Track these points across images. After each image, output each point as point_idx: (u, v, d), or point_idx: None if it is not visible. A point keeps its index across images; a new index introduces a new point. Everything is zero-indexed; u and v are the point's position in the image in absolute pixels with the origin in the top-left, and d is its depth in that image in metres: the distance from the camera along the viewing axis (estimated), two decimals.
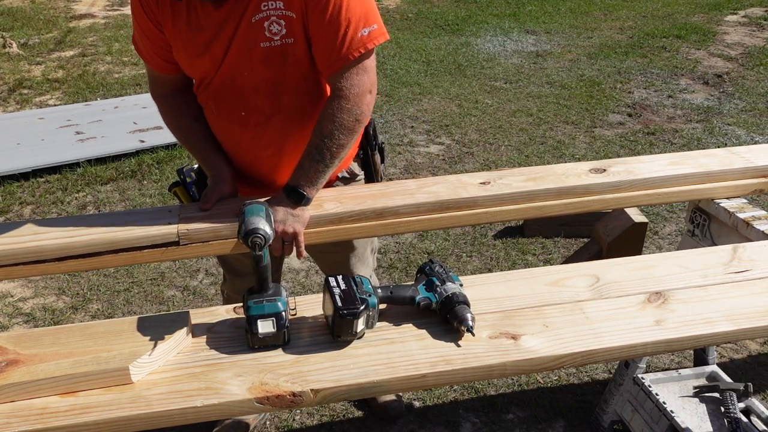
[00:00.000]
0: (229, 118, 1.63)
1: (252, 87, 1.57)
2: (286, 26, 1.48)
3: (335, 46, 1.47)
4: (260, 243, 1.15)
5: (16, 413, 1.07)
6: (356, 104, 1.51)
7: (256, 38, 1.49)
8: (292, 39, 1.49)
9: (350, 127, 1.53)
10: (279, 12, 1.46)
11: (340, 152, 1.55)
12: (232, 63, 1.55)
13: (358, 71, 1.51)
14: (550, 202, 1.72)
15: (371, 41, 1.49)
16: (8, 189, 3.67)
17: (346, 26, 1.46)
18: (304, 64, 1.54)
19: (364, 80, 1.52)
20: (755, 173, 1.82)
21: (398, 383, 1.15)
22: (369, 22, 1.49)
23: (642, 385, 1.98)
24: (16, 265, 1.46)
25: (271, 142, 1.65)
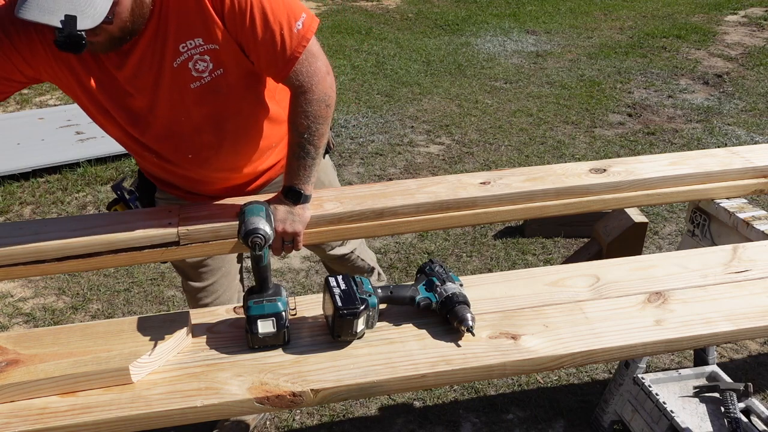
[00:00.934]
0: (176, 162, 1.59)
1: (192, 128, 1.52)
2: (212, 60, 1.43)
3: (278, 52, 1.43)
4: (260, 243, 1.15)
5: (16, 413, 1.07)
6: (321, 92, 1.50)
7: (184, 81, 1.44)
8: (222, 70, 1.45)
9: (323, 115, 1.52)
10: (201, 48, 1.41)
11: (322, 141, 1.55)
12: (164, 113, 1.49)
13: (309, 62, 1.48)
14: (550, 203, 1.72)
15: (308, 32, 1.45)
16: (8, 189, 3.67)
17: (280, 30, 1.41)
18: (238, 87, 1.50)
19: (318, 66, 1.49)
20: (755, 173, 1.82)
21: (398, 383, 1.15)
22: (296, 15, 1.44)
23: (642, 385, 1.98)
24: (15, 265, 1.46)
25: (225, 164, 1.62)
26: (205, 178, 1.66)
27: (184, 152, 1.57)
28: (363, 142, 4.24)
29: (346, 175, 3.85)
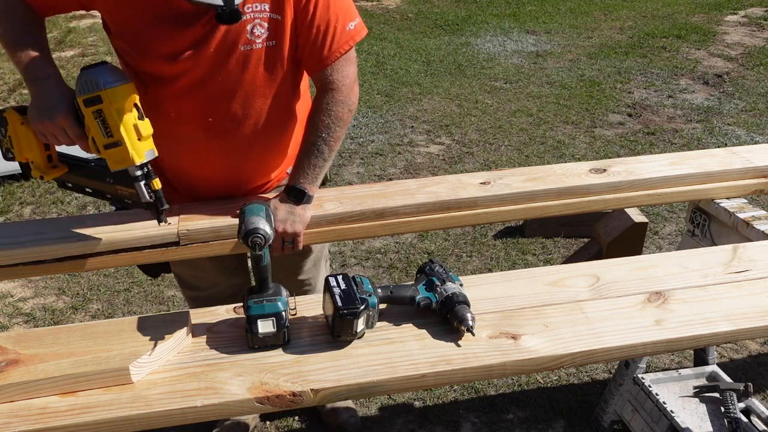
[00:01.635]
0: (193, 123, 1.51)
1: (224, 91, 1.48)
2: (270, 29, 1.44)
3: (326, 42, 1.47)
4: (260, 243, 1.15)
5: (16, 413, 1.07)
6: (348, 95, 1.53)
7: (236, 40, 1.43)
8: (274, 42, 1.46)
9: (345, 119, 1.54)
10: (264, 14, 1.43)
11: (337, 145, 1.56)
12: (204, 65, 1.44)
13: (346, 63, 1.52)
14: (550, 203, 1.72)
15: (358, 34, 1.52)
16: (8, 189, 3.67)
17: (335, 22, 1.47)
18: (281, 66, 1.50)
19: (352, 71, 1.54)
20: (755, 173, 1.82)
21: (398, 383, 1.15)
22: (352, 16, 1.51)
23: (642, 385, 1.98)
24: (16, 266, 1.46)
25: (236, 150, 1.57)
26: (212, 164, 1.58)
27: (205, 113, 1.50)
28: (363, 142, 4.24)
29: (346, 175, 3.85)
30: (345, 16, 1.49)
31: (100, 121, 1.29)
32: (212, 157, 1.58)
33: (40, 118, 1.33)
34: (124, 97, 1.29)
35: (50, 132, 1.35)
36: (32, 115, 1.35)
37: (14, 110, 1.40)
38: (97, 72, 1.28)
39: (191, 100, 1.49)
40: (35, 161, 1.43)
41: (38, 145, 1.41)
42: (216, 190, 1.66)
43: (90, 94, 1.27)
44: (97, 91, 1.27)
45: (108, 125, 1.29)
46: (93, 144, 1.33)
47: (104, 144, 1.30)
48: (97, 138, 1.31)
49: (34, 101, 1.36)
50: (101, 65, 1.29)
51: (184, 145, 1.55)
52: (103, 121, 1.29)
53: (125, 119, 1.29)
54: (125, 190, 1.43)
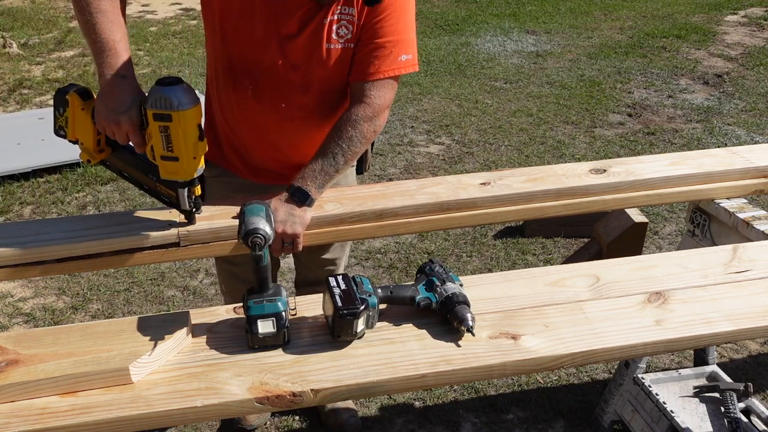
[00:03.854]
0: (266, 105, 1.62)
1: (302, 84, 1.58)
2: (351, 32, 1.54)
3: (377, 59, 1.53)
4: (260, 243, 1.15)
5: (16, 413, 1.07)
6: (377, 115, 1.58)
7: (321, 38, 1.53)
8: (352, 44, 1.55)
9: (368, 137, 1.58)
10: (350, 17, 1.52)
11: (353, 159, 1.58)
12: (291, 56, 1.55)
13: (387, 88, 1.58)
14: (550, 203, 1.72)
15: (407, 67, 1.58)
16: (8, 189, 3.67)
17: (393, 47, 1.54)
18: (348, 66, 1.59)
19: (389, 96, 1.59)
20: (755, 173, 1.82)
21: (398, 383, 1.15)
22: (409, 49, 1.58)
23: (642, 385, 1.98)
24: (16, 266, 1.46)
25: (297, 137, 1.68)
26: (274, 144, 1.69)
27: (280, 99, 1.60)
28: None
29: None
30: (404, 46, 1.56)
31: (164, 136, 1.35)
32: (271, 139, 1.69)
33: (107, 117, 1.38)
34: (193, 120, 1.35)
35: (112, 131, 1.40)
36: (99, 110, 1.40)
37: (77, 94, 1.45)
38: (172, 91, 1.32)
39: (270, 86, 1.59)
40: (85, 144, 1.47)
41: (92, 131, 1.45)
42: (269, 165, 1.74)
43: (161, 111, 1.32)
44: (169, 111, 1.32)
45: (170, 141, 1.35)
46: (150, 151, 1.40)
47: (162, 155, 1.37)
48: (156, 148, 1.37)
49: (104, 97, 1.39)
50: (178, 85, 1.34)
51: (253, 120, 1.66)
52: (167, 137, 1.35)
53: (188, 138, 1.36)
54: (165, 190, 1.49)
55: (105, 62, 1.40)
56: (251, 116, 1.66)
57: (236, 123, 1.69)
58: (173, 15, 7.26)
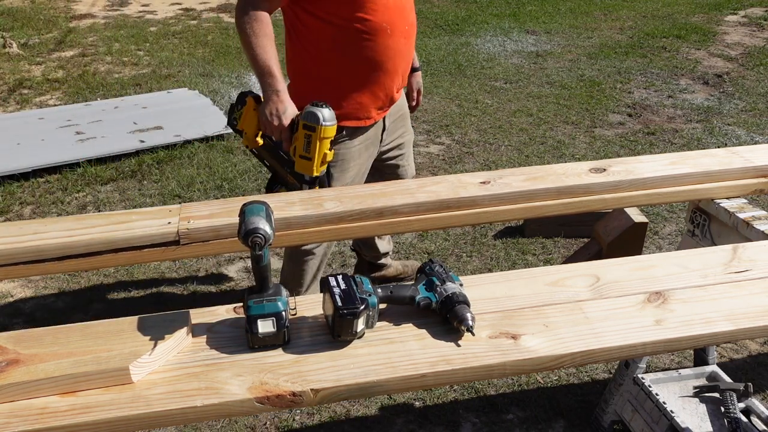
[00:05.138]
0: (399, 33, 2.05)
1: (409, 4, 2.09)
2: None
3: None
4: (260, 243, 1.15)
5: (16, 413, 1.07)
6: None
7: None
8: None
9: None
10: None
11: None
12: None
13: None
14: (549, 202, 1.72)
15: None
16: (8, 189, 3.67)
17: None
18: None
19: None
20: (755, 173, 1.82)
21: (398, 383, 1.15)
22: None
23: (642, 385, 1.98)
24: (15, 265, 1.46)
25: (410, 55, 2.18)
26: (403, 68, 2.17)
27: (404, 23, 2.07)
28: None
29: None
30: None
31: (306, 140, 1.86)
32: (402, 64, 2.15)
33: (271, 119, 1.92)
34: (329, 135, 1.86)
35: (271, 129, 1.93)
36: (265, 113, 1.93)
37: (253, 98, 1.98)
38: (320, 111, 1.84)
39: (397, 15, 2.04)
40: (248, 134, 2.00)
41: (256, 127, 1.99)
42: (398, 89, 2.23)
43: (310, 123, 1.85)
44: (315, 125, 1.84)
45: (309, 146, 1.87)
46: (293, 149, 1.91)
47: (300, 154, 1.89)
48: (298, 147, 1.89)
49: (271, 104, 1.92)
50: (326, 107, 1.86)
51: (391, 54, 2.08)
52: (308, 142, 1.86)
53: (322, 147, 1.87)
54: (293, 181, 1.96)
55: (265, 81, 1.93)
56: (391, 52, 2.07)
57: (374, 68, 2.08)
58: (173, 15, 7.26)
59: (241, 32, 1.95)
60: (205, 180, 3.76)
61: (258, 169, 3.88)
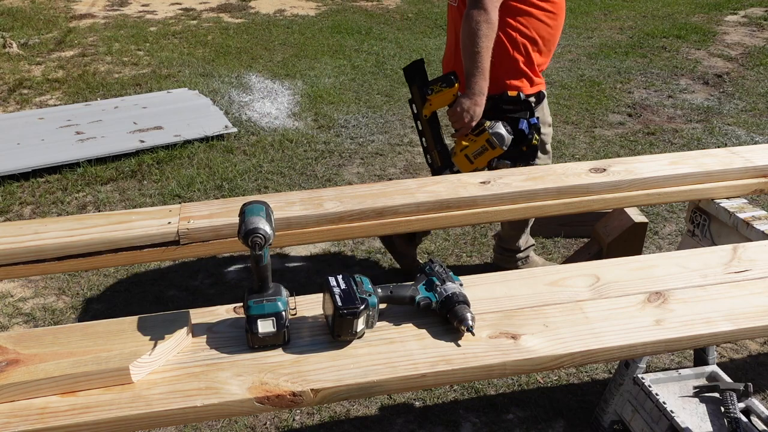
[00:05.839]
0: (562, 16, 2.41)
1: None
2: None
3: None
4: (260, 243, 1.15)
5: (16, 413, 1.07)
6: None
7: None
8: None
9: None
10: None
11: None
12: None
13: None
14: (549, 202, 1.72)
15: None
16: (8, 189, 3.67)
17: None
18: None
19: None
20: (755, 173, 1.82)
21: (398, 383, 1.15)
22: None
23: (642, 385, 1.98)
24: (15, 265, 1.46)
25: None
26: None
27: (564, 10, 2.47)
28: (363, 142, 4.24)
29: (346, 175, 3.86)
30: None
31: (481, 149, 2.21)
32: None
33: (464, 115, 2.20)
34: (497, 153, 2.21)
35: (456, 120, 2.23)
36: (462, 105, 2.20)
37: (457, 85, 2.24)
38: (508, 136, 2.19)
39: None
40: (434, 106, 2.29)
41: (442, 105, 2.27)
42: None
43: (495, 141, 2.18)
44: (498, 145, 2.19)
45: (480, 155, 2.22)
46: (462, 144, 2.24)
47: (467, 154, 2.23)
48: (469, 148, 2.23)
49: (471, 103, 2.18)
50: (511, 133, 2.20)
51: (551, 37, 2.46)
52: (481, 152, 2.21)
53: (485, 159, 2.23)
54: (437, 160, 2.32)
55: (477, 81, 2.17)
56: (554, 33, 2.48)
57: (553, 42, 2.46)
58: (173, 15, 7.26)
59: (472, 30, 2.12)
60: (205, 180, 3.76)
61: (258, 169, 3.88)
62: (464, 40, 2.16)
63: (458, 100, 2.20)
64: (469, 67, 2.17)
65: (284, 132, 4.38)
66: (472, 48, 2.13)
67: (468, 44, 2.15)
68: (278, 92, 5.10)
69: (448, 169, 2.27)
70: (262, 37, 6.47)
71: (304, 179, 3.80)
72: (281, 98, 4.99)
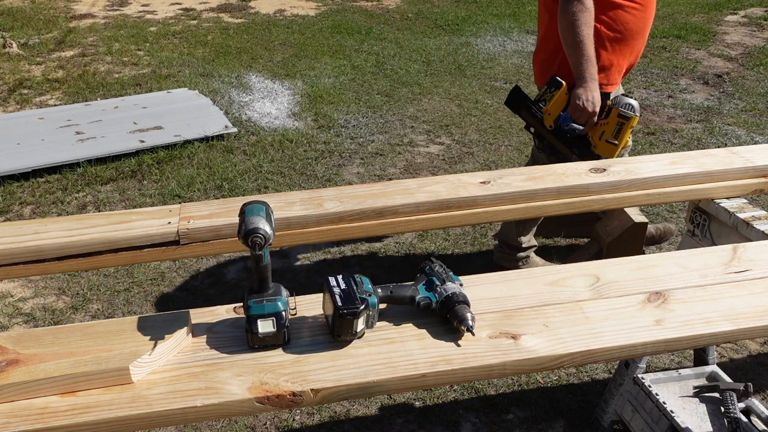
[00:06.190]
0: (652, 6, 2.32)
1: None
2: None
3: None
4: (260, 243, 1.15)
5: (16, 413, 1.07)
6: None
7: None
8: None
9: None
10: None
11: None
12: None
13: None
14: (549, 202, 1.72)
15: None
16: (8, 189, 3.67)
17: None
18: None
19: None
20: (755, 173, 1.82)
21: (398, 383, 1.15)
22: None
23: (642, 385, 1.98)
24: (15, 265, 1.46)
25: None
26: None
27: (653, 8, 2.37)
28: (363, 142, 4.24)
29: (346, 175, 3.86)
30: None
31: (617, 127, 2.16)
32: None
33: (586, 105, 2.20)
34: (636, 124, 2.18)
35: (581, 114, 2.22)
36: (580, 97, 2.20)
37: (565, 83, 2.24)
38: (634, 102, 2.16)
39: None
40: (552, 115, 2.28)
41: (560, 109, 2.26)
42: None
43: (626, 113, 2.16)
44: (632, 115, 2.16)
45: (619, 133, 2.17)
46: (597, 132, 2.23)
47: (607, 139, 2.19)
48: (606, 132, 2.19)
49: (587, 91, 2.19)
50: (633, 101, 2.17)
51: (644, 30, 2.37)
52: (619, 129, 2.16)
53: (628, 135, 2.20)
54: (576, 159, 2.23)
55: (586, 68, 2.19)
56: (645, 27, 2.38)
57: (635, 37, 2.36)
58: (173, 15, 7.26)
59: (570, 22, 2.15)
60: (205, 180, 3.76)
61: (258, 169, 3.88)
62: (564, 33, 2.19)
63: (574, 95, 2.21)
64: (575, 58, 2.19)
65: (284, 132, 4.38)
66: (574, 39, 2.16)
67: (569, 36, 2.18)
68: (278, 92, 5.10)
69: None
70: (262, 37, 6.47)
71: (304, 179, 3.80)
72: (281, 98, 4.99)
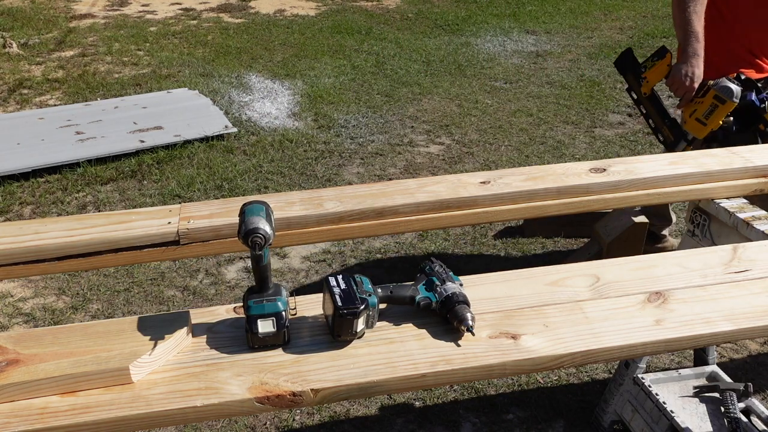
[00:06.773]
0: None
1: None
2: None
3: None
4: (260, 243, 1.15)
5: (16, 413, 1.07)
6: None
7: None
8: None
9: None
10: None
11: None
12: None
13: None
14: (549, 202, 1.71)
15: None
16: (8, 189, 3.67)
17: None
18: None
19: None
20: (755, 173, 1.82)
21: (398, 383, 1.15)
22: None
23: (642, 385, 1.98)
24: (15, 265, 1.46)
25: None
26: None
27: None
28: (363, 142, 4.24)
29: (346, 175, 3.86)
30: None
31: (711, 108, 2.16)
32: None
33: (684, 79, 2.25)
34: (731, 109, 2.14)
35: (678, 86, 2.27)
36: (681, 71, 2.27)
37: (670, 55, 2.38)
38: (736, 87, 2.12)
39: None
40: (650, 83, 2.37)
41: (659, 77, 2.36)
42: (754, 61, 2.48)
43: (723, 96, 2.13)
44: (727, 99, 2.12)
45: (711, 114, 2.17)
46: (690, 109, 2.25)
47: (698, 117, 2.20)
48: (698, 110, 2.21)
49: (689, 66, 2.25)
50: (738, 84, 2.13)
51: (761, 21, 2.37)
52: (712, 111, 2.16)
53: (720, 118, 2.15)
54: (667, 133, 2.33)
55: (691, 44, 2.25)
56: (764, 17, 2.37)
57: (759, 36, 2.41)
58: (173, 15, 7.26)
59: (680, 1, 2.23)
60: (205, 180, 3.76)
61: (258, 169, 3.88)
62: (674, 9, 2.29)
63: (675, 68, 2.27)
64: (682, 33, 2.27)
65: (284, 132, 4.38)
66: (682, 15, 2.25)
67: (677, 12, 2.28)
68: (278, 92, 5.10)
69: (683, 139, 2.27)
70: (262, 37, 6.47)
71: (304, 179, 3.80)
72: (281, 98, 4.99)
